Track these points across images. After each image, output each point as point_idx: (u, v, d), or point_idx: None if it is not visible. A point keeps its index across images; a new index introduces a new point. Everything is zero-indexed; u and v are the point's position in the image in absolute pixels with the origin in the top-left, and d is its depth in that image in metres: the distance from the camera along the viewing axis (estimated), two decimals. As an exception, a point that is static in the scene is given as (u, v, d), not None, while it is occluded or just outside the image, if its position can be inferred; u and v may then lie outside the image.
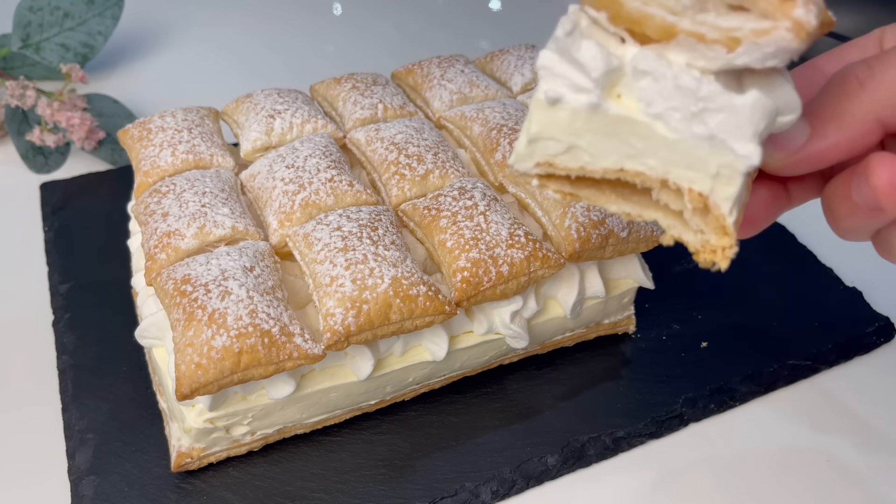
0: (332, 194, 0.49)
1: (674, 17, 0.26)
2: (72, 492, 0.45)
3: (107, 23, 0.74)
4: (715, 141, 0.27)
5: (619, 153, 0.28)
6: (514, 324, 0.49)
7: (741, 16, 0.26)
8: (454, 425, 0.49)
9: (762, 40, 0.25)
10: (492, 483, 0.46)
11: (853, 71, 0.30)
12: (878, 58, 0.29)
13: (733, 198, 0.28)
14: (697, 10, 0.26)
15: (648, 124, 0.27)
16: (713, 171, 0.27)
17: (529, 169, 0.30)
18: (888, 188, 0.28)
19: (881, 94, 0.28)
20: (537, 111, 0.28)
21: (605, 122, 0.28)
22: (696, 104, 0.26)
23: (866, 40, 0.34)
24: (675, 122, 0.27)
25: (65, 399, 0.50)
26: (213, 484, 0.46)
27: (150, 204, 0.50)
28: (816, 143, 0.29)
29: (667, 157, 0.28)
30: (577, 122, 0.28)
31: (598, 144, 0.28)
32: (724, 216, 0.28)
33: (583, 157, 0.29)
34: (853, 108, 0.29)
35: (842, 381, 0.54)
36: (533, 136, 0.29)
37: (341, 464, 0.47)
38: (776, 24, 0.25)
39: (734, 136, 0.26)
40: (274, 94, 0.58)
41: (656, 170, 0.28)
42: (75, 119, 0.67)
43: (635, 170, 0.29)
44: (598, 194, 0.31)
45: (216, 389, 0.42)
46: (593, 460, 0.48)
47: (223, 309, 0.42)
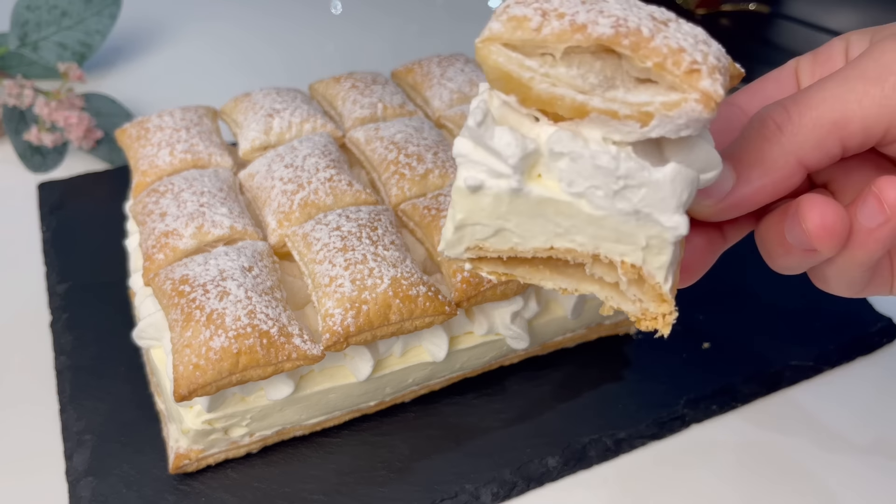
0: (332, 194, 0.49)
1: (584, 97, 0.26)
2: (69, 493, 0.45)
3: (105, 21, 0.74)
4: (640, 215, 0.27)
5: (547, 232, 0.28)
6: (515, 324, 0.49)
7: (650, 89, 0.26)
8: (454, 426, 0.49)
9: (673, 113, 0.25)
10: (492, 485, 0.46)
11: (770, 115, 0.30)
12: (794, 100, 0.30)
13: (666, 266, 0.28)
14: (606, 87, 0.26)
15: (572, 203, 0.27)
16: (643, 243, 0.27)
17: (460, 254, 0.30)
18: (820, 230, 0.28)
19: (800, 137, 0.29)
20: (460, 199, 0.28)
21: (528, 204, 0.28)
22: (616, 182, 0.26)
23: (782, 73, 0.35)
24: (598, 200, 0.27)
25: (62, 400, 0.49)
26: (211, 485, 0.45)
27: (148, 204, 0.49)
28: (743, 189, 0.30)
29: (595, 234, 0.28)
30: (501, 206, 0.28)
31: (525, 226, 0.28)
32: (659, 285, 0.28)
33: (512, 238, 0.29)
34: (774, 152, 0.29)
35: (845, 382, 0.54)
36: (459, 223, 0.29)
37: (340, 465, 0.47)
38: (685, 96, 0.25)
39: (658, 209, 0.27)
40: (273, 93, 0.58)
41: (586, 246, 0.28)
42: (73, 118, 0.67)
43: (565, 247, 0.29)
44: (532, 272, 0.31)
45: (214, 390, 0.41)
46: (594, 462, 0.48)
47: (221, 309, 0.42)
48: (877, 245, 0.29)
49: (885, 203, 0.28)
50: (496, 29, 0.26)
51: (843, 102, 0.29)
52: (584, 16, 0.25)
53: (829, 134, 0.29)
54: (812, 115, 0.29)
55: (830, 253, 0.30)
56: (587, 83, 0.26)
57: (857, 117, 0.28)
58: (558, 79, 0.26)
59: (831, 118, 0.29)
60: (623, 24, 0.25)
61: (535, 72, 0.26)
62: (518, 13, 0.26)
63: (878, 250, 0.29)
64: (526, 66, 0.26)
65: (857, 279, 0.32)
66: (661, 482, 0.48)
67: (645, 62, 0.25)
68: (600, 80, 0.26)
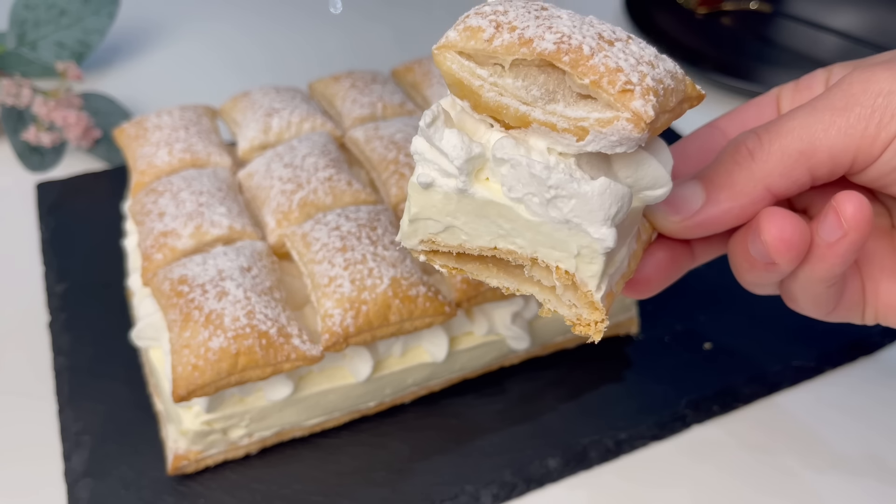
0: (331, 193, 0.49)
1: (526, 108, 0.28)
2: (68, 494, 0.44)
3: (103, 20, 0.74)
4: (571, 225, 0.28)
5: (492, 233, 0.30)
6: (516, 325, 0.49)
7: (588, 105, 0.27)
8: (454, 427, 0.49)
9: (606, 130, 0.27)
10: (492, 486, 0.45)
11: (744, 141, 0.31)
12: (766, 127, 0.31)
13: (598, 275, 0.29)
14: (547, 100, 0.27)
15: (512, 207, 0.29)
16: (574, 251, 0.29)
17: (415, 246, 0.32)
18: (778, 243, 0.29)
19: (769, 164, 0.30)
20: (414, 194, 0.30)
21: (474, 204, 0.29)
22: (548, 191, 0.28)
23: (763, 100, 0.36)
24: (534, 207, 0.28)
25: (61, 400, 0.49)
26: (210, 486, 0.45)
27: (147, 203, 0.49)
28: (710, 209, 0.31)
29: (533, 238, 0.29)
30: (450, 204, 0.29)
31: (471, 225, 0.30)
32: (591, 293, 0.30)
33: (460, 235, 0.31)
34: (743, 177, 0.31)
35: (846, 383, 0.54)
36: (413, 216, 0.30)
37: (340, 466, 0.47)
38: (617, 114, 0.26)
39: (587, 220, 0.28)
40: (272, 92, 0.58)
41: (525, 249, 0.30)
42: (71, 118, 0.67)
43: (507, 248, 0.30)
44: (481, 269, 0.32)
45: (213, 391, 0.41)
46: (595, 462, 0.48)
47: (220, 310, 0.42)
48: (836, 259, 0.29)
49: (843, 218, 0.28)
50: (452, 37, 0.28)
51: (810, 132, 0.29)
52: (532, 30, 0.27)
53: (797, 163, 0.30)
54: (781, 143, 0.30)
55: (789, 265, 0.30)
56: (530, 95, 0.27)
57: (823, 146, 0.29)
58: (505, 89, 0.28)
59: (799, 147, 0.29)
60: (566, 41, 0.26)
61: (484, 80, 0.28)
62: (474, 24, 0.28)
63: (837, 265, 0.30)
64: (476, 75, 0.28)
65: (822, 297, 0.32)
66: (663, 483, 0.47)
67: (583, 79, 0.26)
68: (542, 92, 0.27)
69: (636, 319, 0.55)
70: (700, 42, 0.89)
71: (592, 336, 0.31)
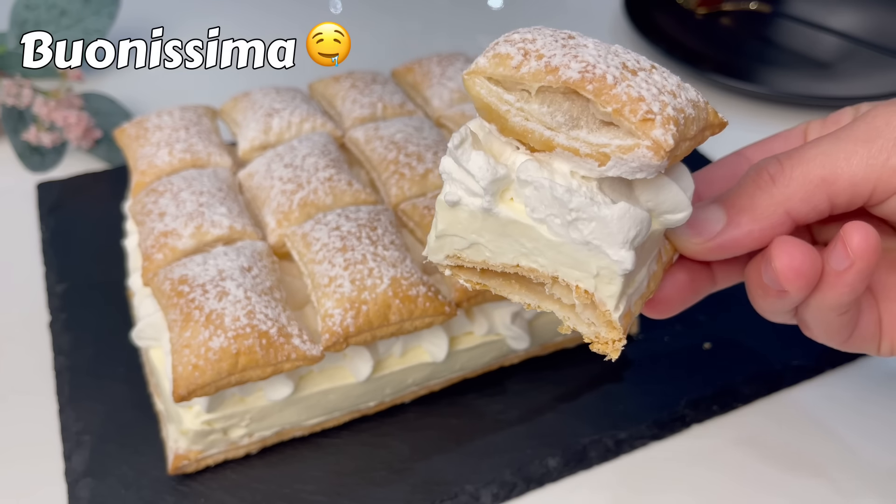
0: (331, 193, 0.49)
1: (550, 133, 0.29)
2: (68, 494, 0.45)
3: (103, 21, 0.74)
4: (591, 246, 0.29)
5: (515, 251, 0.31)
6: (515, 325, 0.49)
7: (610, 132, 0.28)
8: (454, 427, 0.49)
9: (627, 156, 0.28)
10: (492, 485, 0.45)
11: (766, 166, 0.32)
12: (788, 154, 0.31)
13: (616, 295, 0.30)
14: (571, 126, 0.29)
15: (534, 227, 0.30)
16: (594, 271, 0.30)
17: (441, 261, 0.33)
18: (788, 272, 0.30)
19: (790, 189, 0.31)
20: (441, 211, 0.31)
21: (498, 223, 0.30)
22: (569, 214, 0.29)
23: (792, 133, 0.36)
24: (555, 228, 0.29)
25: (61, 400, 0.49)
26: (210, 486, 0.45)
27: (147, 203, 0.49)
28: (731, 232, 0.32)
29: (554, 257, 0.30)
30: (476, 222, 0.31)
31: (495, 242, 0.31)
32: (609, 312, 0.31)
33: (484, 252, 0.32)
34: (764, 201, 0.31)
35: (846, 383, 0.54)
36: (440, 232, 0.32)
37: (340, 466, 0.47)
38: (638, 142, 0.27)
39: (606, 243, 0.29)
40: (272, 92, 0.58)
41: (547, 268, 0.31)
42: (71, 118, 0.67)
43: (529, 266, 0.31)
44: (504, 284, 0.33)
45: (213, 391, 0.41)
46: (595, 462, 0.48)
47: (220, 310, 0.42)
48: (845, 287, 0.30)
49: (850, 247, 0.29)
50: (482, 63, 0.29)
51: (832, 160, 0.30)
52: (559, 59, 0.28)
53: (818, 189, 0.30)
54: (802, 169, 0.31)
55: (799, 294, 0.31)
56: (555, 120, 0.29)
57: (844, 175, 0.30)
58: (530, 114, 0.29)
59: (820, 174, 0.30)
60: (591, 70, 0.27)
61: (511, 105, 0.29)
62: (503, 51, 0.29)
63: (846, 293, 0.30)
64: (504, 100, 0.29)
65: (834, 325, 0.33)
66: (662, 483, 0.47)
67: (605, 107, 0.27)
68: (566, 118, 0.29)
69: (636, 320, 0.55)
70: (700, 42, 0.89)
71: (610, 354, 0.31)
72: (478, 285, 0.33)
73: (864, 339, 0.34)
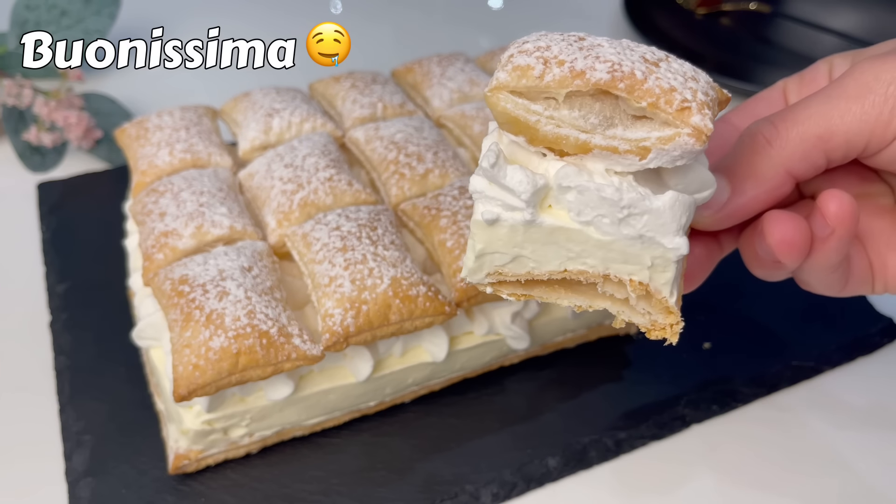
0: (331, 194, 0.49)
1: (586, 136, 0.29)
2: (69, 493, 0.45)
3: (104, 21, 0.74)
4: (644, 239, 0.30)
5: (560, 257, 0.31)
6: (515, 324, 0.49)
7: (646, 125, 0.29)
8: (454, 427, 0.49)
9: (668, 146, 0.28)
10: (492, 485, 0.46)
11: (760, 129, 0.33)
12: (781, 116, 0.32)
13: (671, 282, 0.31)
14: (606, 126, 0.29)
15: (581, 231, 0.30)
16: (648, 263, 0.30)
17: (481, 280, 0.33)
18: (781, 245, 0.32)
19: (788, 150, 0.32)
20: (479, 231, 0.31)
21: (542, 233, 0.30)
22: (620, 212, 0.29)
23: (771, 93, 0.37)
24: (605, 227, 0.30)
25: (62, 400, 0.49)
26: (210, 486, 0.45)
27: (148, 203, 0.49)
28: (738, 200, 0.33)
29: (604, 256, 0.31)
30: (517, 235, 0.31)
31: (539, 252, 0.31)
32: (665, 299, 0.31)
33: (528, 264, 0.32)
34: (764, 164, 0.33)
35: (845, 382, 0.54)
36: (479, 252, 0.31)
37: (341, 466, 0.47)
38: (678, 131, 0.28)
39: (661, 233, 0.30)
40: (272, 92, 0.58)
41: (597, 267, 0.31)
42: (72, 118, 0.67)
43: (577, 269, 0.31)
44: (549, 291, 0.33)
45: (214, 391, 0.41)
46: (595, 462, 0.48)
47: (221, 309, 0.42)
48: (831, 252, 0.32)
49: (827, 217, 0.31)
50: (503, 78, 0.29)
51: (826, 118, 0.31)
52: (581, 62, 0.28)
53: (815, 147, 0.32)
54: (798, 129, 0.32)
55: (794, 263, 0.32)
56: (588, 123, 0.29)
57: (840, 132, 0.31)
58: (562, 120, 0.29)
59: (816, 132, 0.31)
60: (618, 68, 0.28)
61: (540, 115, 0.29)
62: (522, 63, 0.28)
63: (833, 256, 0.32)
64: (532, 111, 0.29)
65: (829, 280, 0.34)
66: (662, 483, 0.48)
67: (640, 102, 0.28)
68: (600, 119, 0.29)
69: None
70: (699, 42, 0.89)
71: (670, 339, 0.32)
72: (522, 297, 0.33)
73: (859, 284, 0.35)
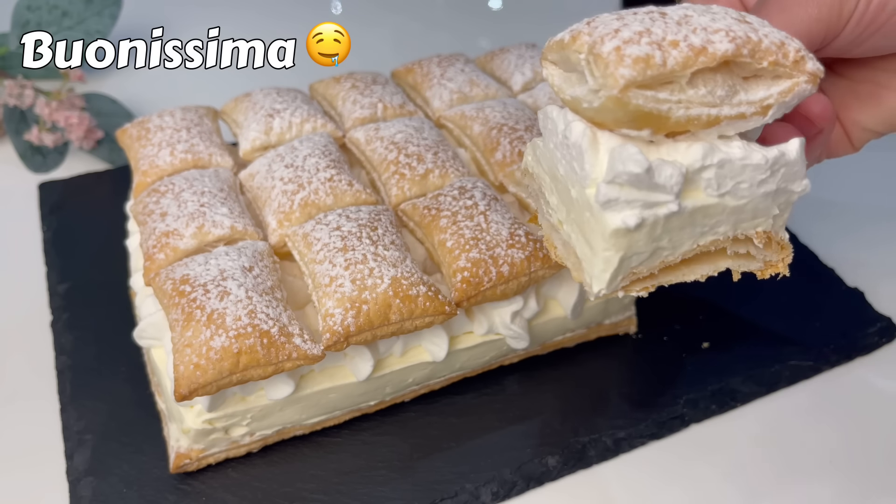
0: (332, 194, 0.49)
1: (716, 110, 0.29)
2: (70, 492, 0.45)
3: (105, 22, 0.74)
4: (779, 190, 0.31)
5: (694, 235, 0.32)
6: (515, 324, 0.49)
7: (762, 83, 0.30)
8: (454, 426, 0.49)
9: (788, 98, 0.30)
10: (492, 484, 0.46)
11: None
12: None
13: (785, 220, 0.33)
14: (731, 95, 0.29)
15: (718, 203, 0.31)
16: (775, 211, 0.32)
17: (617, 287, 0.33)
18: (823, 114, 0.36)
19: None
20: (616, 240, 0.30)
21: (682, 218, 0.31)
22: (764, 173, 0.30)
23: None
24: (742, 192, 0.31)
25: (63, 399, 0.50)
26: (211, 485, 0.46)
27: (149, 204, 0.49)
28: None
29: (735, 220, 0.32)
30: (657, 230, 0.31)
31: (675, 238, 0.32)
32: (784, 239, 0.33)
33: (663, 253, 0.32)
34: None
35: (843, 382, 0.54)
36: (619, 262, 0.31)
37: (341, 465, 0.47)
38: (796, 80, 0.29)
39: (792, 180, 0.31)
40: (273, 93, 0.58)
41: (728, 233, 0.32)
42: (74, 118, 0.67)
43: (709, 241, 0.33)
44: (675, 272, 0.34)
45: (215, 390, 0.41)
46: (594, 461, 0.48)
47: (222, 309, 0.42)
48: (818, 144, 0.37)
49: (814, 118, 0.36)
50: (627, 74, 0.27)
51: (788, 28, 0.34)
52: (693, 38, 0.28)
53: None
54: None
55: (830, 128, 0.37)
56: (717, 97, 0.29)
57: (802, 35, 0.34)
58: (690, 101, 0.29)
59: None
60: (735, 36, 0.28)
61: (670, 102, 0.29)
62: (639, 53, 0.27)
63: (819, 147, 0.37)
64: (660, 100, 0.28)
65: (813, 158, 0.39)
66: (661, 482, 0.48)
67: (762, 63, 0.29)
68: (725, 90, 0.29)
69: (635, 319, 0.56)
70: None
71: (782, 271, 0.34)
72: (652, 288, 0.34)
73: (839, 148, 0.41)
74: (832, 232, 0.65)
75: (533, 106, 0.59)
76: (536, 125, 0.55)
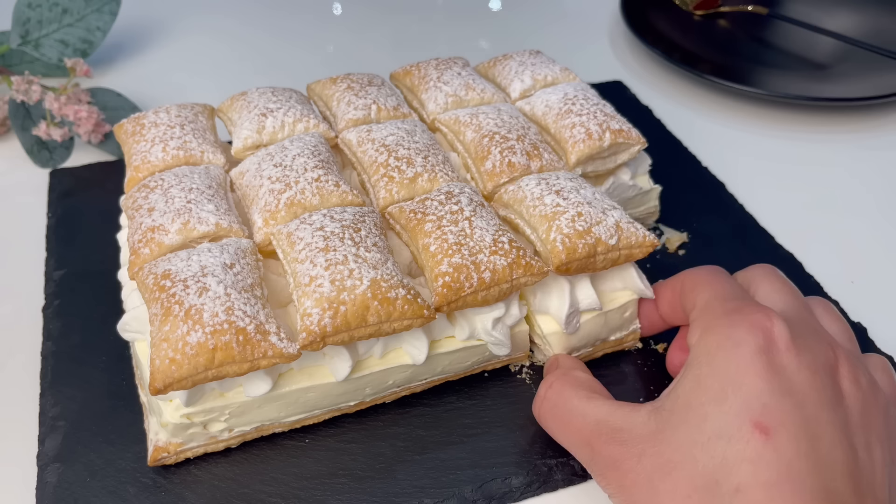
0: (318, 194, 0.49)
1: None
2: (37, 478, 0.45)
3: (105, 18, 0.75)
4: None
5: None
6: (496, 331, 0.49)
7: None
8: (420, 438, 0.48)
9: None
10: (451, 501, 0.45)
11: None
12: None
13: None
14: None
15: None
16: None
17: None
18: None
19: None
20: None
21: None
22: None
23: None
24: None
25: (43, 385, 0.50)
26: (172, 480, 0.45)
27: (138, 198, 0.50)
28: None
29: None
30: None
31: None
32: None
33: None
34: None
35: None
36: None
37: (302, 470, 0.46)
38: None
39: None
40: (268, 92, 0.58)
41: None
42: (83, 112, 0.68)
43: None
44: None
45: (190, 385, 0.42)
46: (560, 485, 0.46)
47: (200, 305, 0.42)
48: None
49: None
50: None
51: None
52: None
53: None
54: None
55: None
56: None
57: None
58: None
59: None
60: None
61: None
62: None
63: None
64: None
65: None
66: None
67: None
68: None
69: (639, 333, 0.54)
70: (697, 44, 0.88)
71: None
72: None
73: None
74: (838, 264, 0.64)
75: (529, 113, 0.59)
76: (528, 134, 0.55)
